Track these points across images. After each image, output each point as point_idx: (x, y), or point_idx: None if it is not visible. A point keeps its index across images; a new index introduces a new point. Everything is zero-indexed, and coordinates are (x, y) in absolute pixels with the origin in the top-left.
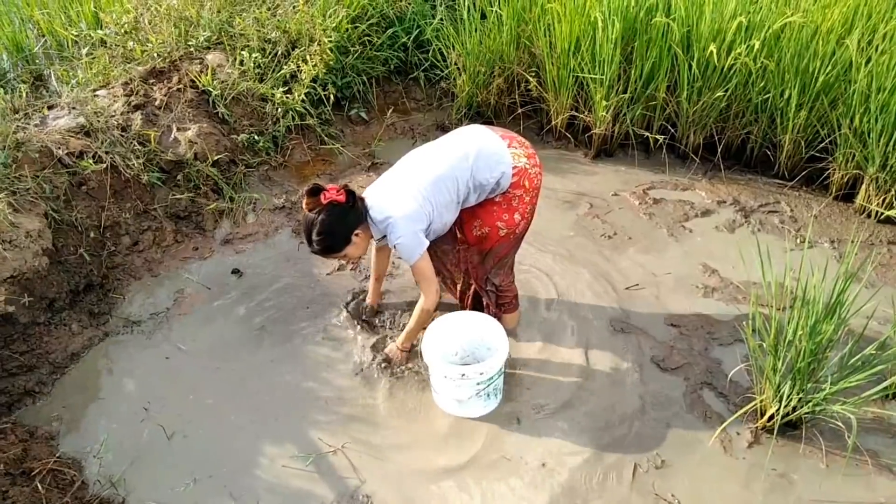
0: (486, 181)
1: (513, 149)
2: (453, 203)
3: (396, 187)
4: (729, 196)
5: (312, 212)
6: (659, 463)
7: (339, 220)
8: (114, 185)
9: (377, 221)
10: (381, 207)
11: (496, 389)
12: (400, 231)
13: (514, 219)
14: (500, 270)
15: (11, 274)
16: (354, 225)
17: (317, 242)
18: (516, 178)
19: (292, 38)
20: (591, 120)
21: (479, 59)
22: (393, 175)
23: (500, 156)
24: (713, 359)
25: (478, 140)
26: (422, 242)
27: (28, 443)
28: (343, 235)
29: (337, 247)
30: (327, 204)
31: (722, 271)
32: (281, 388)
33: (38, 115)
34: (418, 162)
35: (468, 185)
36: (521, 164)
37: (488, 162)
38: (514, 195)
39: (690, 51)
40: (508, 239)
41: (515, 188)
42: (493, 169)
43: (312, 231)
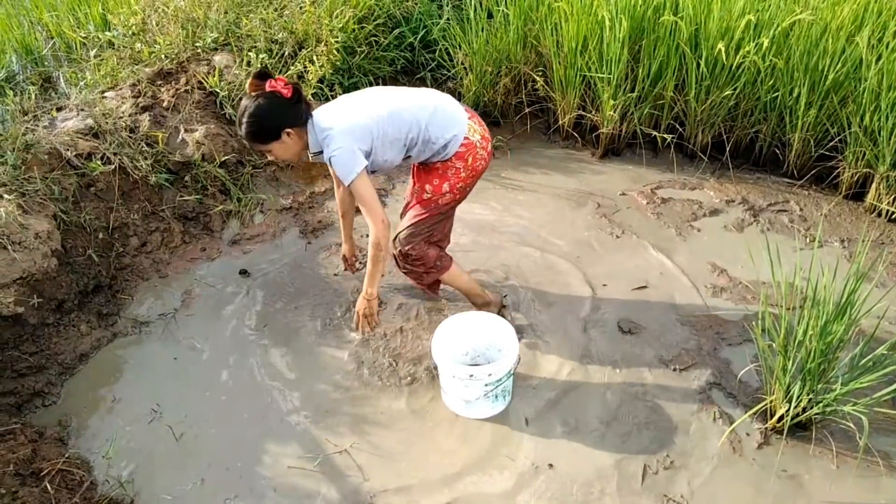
0: (435, 138)
1: (471, 122)
2: (399, 142)
3: (351, 106)
4: (738, 195)
5: (252, 95)
6: (668, 464)
7: (274, 111)
8: (122, 187)
9: (318, 131)
10: (325, 118)
11: (505, 391)
12: (337, 143)
13: (441, 187)
14: (412, 238)
15: (21, 275)
16: (289, 122)
17: (245, 125)
18: (463, 150)
19: (299, 39)
20: (598, 119)
21: (486, 58)
22: (349, 98)
23: (457, 120)
24: (722, 359)
25: (443, 99)
26: (359, 161)
27: (37, 443)
28: (273, 128)
29: (264, 137)
30: (269, 92)
31: (731, 271)
32: (288, 388)
33: (47, 116)
34: (379, 94)
35: (419, 133)
36: (473, 140)
37: (444, 120)
38: (453, 165)
39: (698, 49)
40: (428, 204)
41: (458, 159)
42: (446, 129)
43: (245, 113)
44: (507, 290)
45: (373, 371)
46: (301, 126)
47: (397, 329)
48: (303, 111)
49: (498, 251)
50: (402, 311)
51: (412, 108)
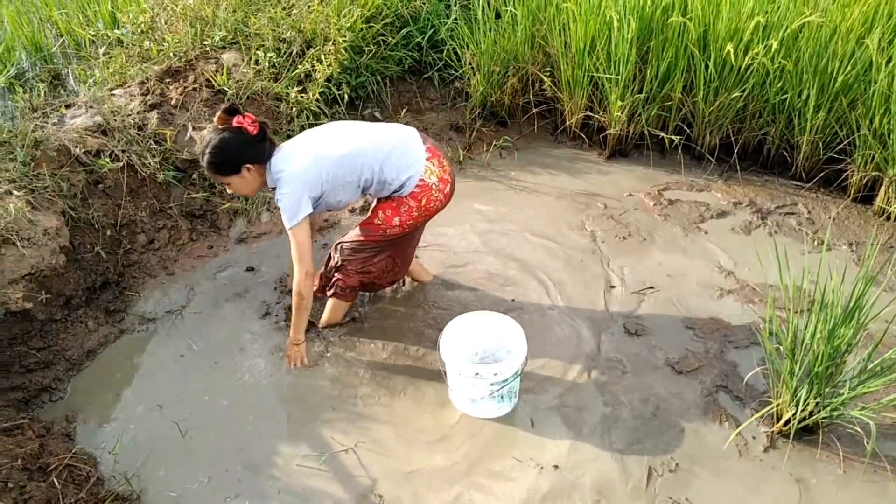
0: (391, 180)
1: (430, 163)
2: (353, 184)
3: (306, 148)
4: (745, 197)
5: (219, 128)
6: (673, 467)
7: (237, 146)
8: (130, 184)
9: (273, 171)
10: (281, 158)
11: (511, 392)
12: (286, 188)
13: (392, 220)
14: (351, 251)
15: (29, 271)
16: (250, 159)
17: (208, 155)
18: (417, 191)
19: (307, 38)
20: (605, 120)
21: (494, 58)
22: (311, 135)
23: (413, 161)
24: (729, 362)
25: (401, 138)
26: (303, 208)
27: (45, 438)
28: (234, 162)
29: (224, 169)
30: (236, 127)
31: (738, 273)
32: (295, 386)
33: (56, 113)
34: (338, 133)
35: (373, 175)
36: (429, 182)
37: (400, 162)
38: (407, 203)
39: (707, 50)
40: (377, 229)
41: (412, 198)
42: (401, 171)
43: (209, 144)
44: (513, 290)
45: (379, 369)
46: (262, 163)
47: (405, 327)
48: (265, 149)
49: (504, 251)
50: (411, 309)
51: (367, 149)
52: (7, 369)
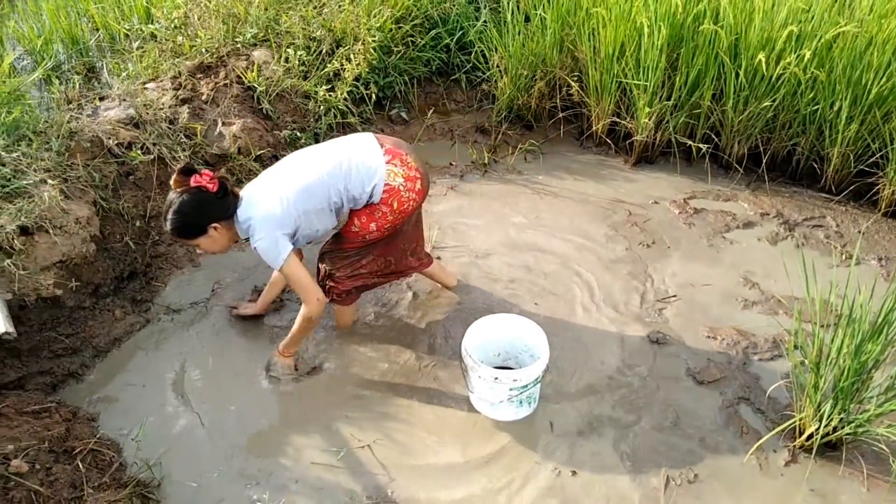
0: (359, 195)
1: (391, 165)
2: (325, 211)
3: (267, 189)
4: (772, 208)
5: (177, 190)
6: (692, 477)
7: (199, 208)
8: (160, 176)
9: (240, 221)
10: (246, 207)
11: (531, 398)
12: (259, 234)
13: (369, 226)
14: (337, 259)
15: (60, 259)
16: (215, 217)
17: (170, 221)
18: (386, 195)
19: (337, 37)
20: (632, 126)
21: (522, 62)
22: (270, 175)
23: (374, 171)
24: (751, 374)
25: (357, 152)
26: (283, 248)
27: (71, 422)
28: (198, 224)
29: (189, 233)
30: (194, 187)
31: (763, 285)
32: (315, 381)
33: (91, 105)
34: (295, 165)
35: (340, 197)
36: (395, 184)
37: (360, 175)
38: (379, 209)
39: (738, 59)
40: (355, 237)
41: (383, 204)
42: (364, 184)
43: (170, 209)
44: (536, 295)
45: (400, 368)
46: (228, 219)
47: (427, 327)
48: (230, 204)
49: (527, 256)
50: (433, 310)
51: (328, 173)
52: (36, 354)
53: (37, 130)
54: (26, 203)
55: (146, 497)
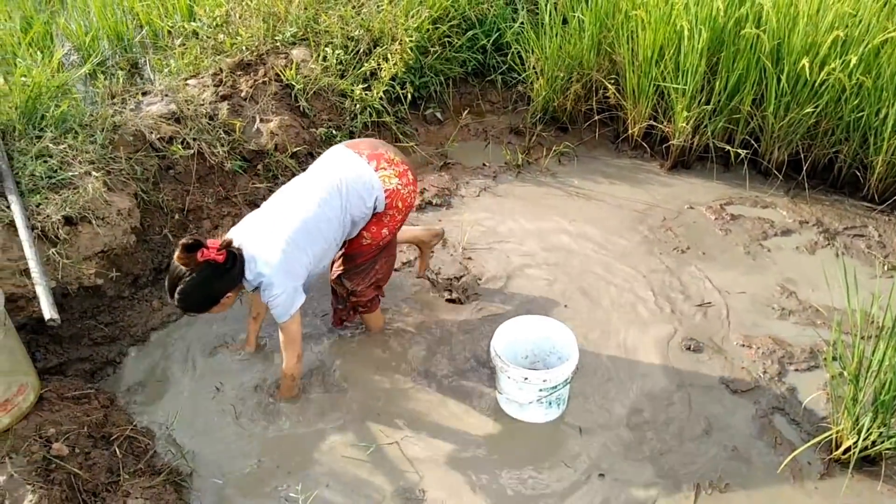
0: (361, 213)
1: (381, 171)
2: (335, 241)
3: (268, 238)
4: (812, 216)
5: (183, 264)
6: (723, 486)
7: (210, 283)
8: (199, 171)
9: (250, 278)
10: (252, 262)
11: (559, 399)
12: (276, 289)
13: (381, 232)
14: (355, 275)
15: (102, 249)
16: (227, 288)
17: (179, 300)
18: (389, 200)
19: (375, 37)
20: (669, 130)
21: (558, 64)
22: (263, 221)
23: (369, 184)
24: (787, 384)
25: (346, 170)
26: (298, 300)
27: (108, 409)
28: (211, 299)
29: (201, 309)
30: (202, 262)
31: (800, 294)
32: (348, 377)
33: (134, 100)
34: (289, 207)
35: (344, 222)
36: (392, 186)
37: (360, 194)
38: (388, 214)
39: (780, 64)
40: (370, 248)
41: (389, 208)
42: (366, 200)
43: (177, 286)
44: (567, 296)
45: (429, 367)
46: (239, 283)
47: (457, 327)
48: (239, 269)
49: (560, 258)
50: (463, 310)
51: (325, 208)
52: (77, 341)
53: (82, 123)
54: (71, 194)
55: (179, 485)
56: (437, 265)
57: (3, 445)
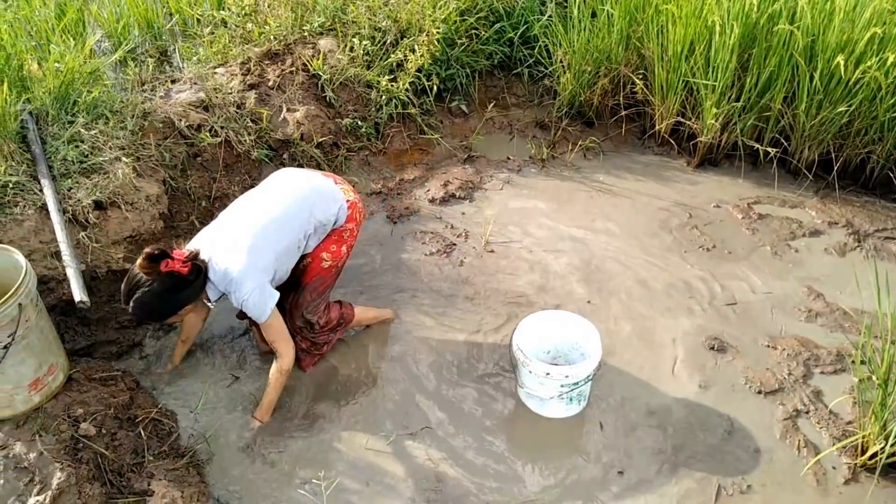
0: (326, 219)
1: (340, 185)
2: (295, 247)
3: (232, 239)
4: (842, 217)
5: (144, 273)
6: (744, 488)
7: (171, 295)
8: (226, 159)
9: (215, 281)
10: (217, 264)
11: (581, 396)
12: (246, 287)
13: (340, 251)
14: (315, 308)
15: (130, 234)
16: (188, 301)
17: (133, 309)
18: (350, 212)
19: (402, 28)
20: (697, 127)
21: (586, 58)
22: (223, 225)
23: (333, 191)
24: (812, 386)
25: (308, 180)
26: (271, 296)
27: (134, 391)
28: (167, 311)
29: (155, 319)
30: (165, 273)
31: (828, 296)
32: (368, 368)
33: (163, 87)
34: (250, 209)
35: (310, 225)
36: (352, 198)
37: (325, 199)
38: (346, 228)
39: (814, 61)
40: (330, 272)
41: (349, 221)
42: (330, 205)
43: (134, 294)
44: (590, 293)
45: (449, 360)
46: (199, 296)
47: (478, 322)
48: (200, 284)
49: (584, 253)
50: (485, 304)
51: (292, 208)
52: (104, 324)
53: (113, 110)
54: (101, 179)
55: (201, 468)
56: (459, 258)
57: (34, 424)
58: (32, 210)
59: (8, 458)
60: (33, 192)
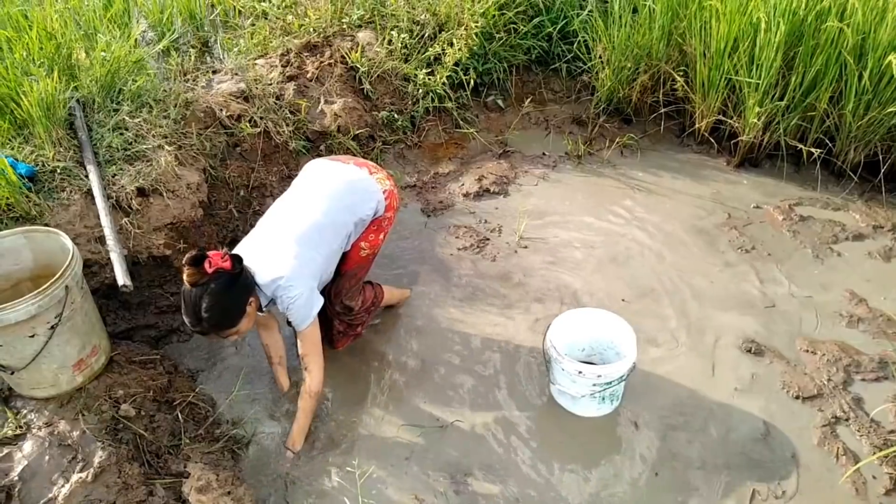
0: (366, 215)
1: (374, 174)
2: (339, 250)
3: (276, 245)
4: (888, 222)
5: (196, 285)
6: (780, 493)
7: (229, 291)
8: (264, 149)
9: (263, 286)
10: (264, 270)
11: (614, 395)
12: (295, 291)
13: (378, 239)
14: (356, 293)
15: (171, 221)
16: (246, 295)
17: (207, 320)
18: (388, 202)
19: (440, 21)
20: (739, 126)
21: (626, 54)
22: (265, 233)
23: (368, 185)
24: (853, 393)
25: (343, 176)
26: (317, 302)
27: (173, 375)
28: (238, 307)
29: (232, 321)
30: (213, 273)
31: (871, 301)
32: (399, 360)
33: (205, 78)
34: (291, 216)
35: (350, 224)
36: (388, 187)
37: (363, 196)
38: (385, 217)
39: (863, 60)
40: (368, 259)
41: (387, 211)
42: (368, 200)
43: (201, 306)
44: (625, 291)
45: (481, 355)
46: (255, 289)
47: (512, 317)
48: (248, 276)
49: (617, 252)
50: (518, 300)
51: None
52: (144, 308)
53: (157, 99)
54: (144, 166)
55: (236, 453)
56: (492, 253)
57: (77, 403)
58: (78, 195)
59: (53, 436)
60: (79, 178)
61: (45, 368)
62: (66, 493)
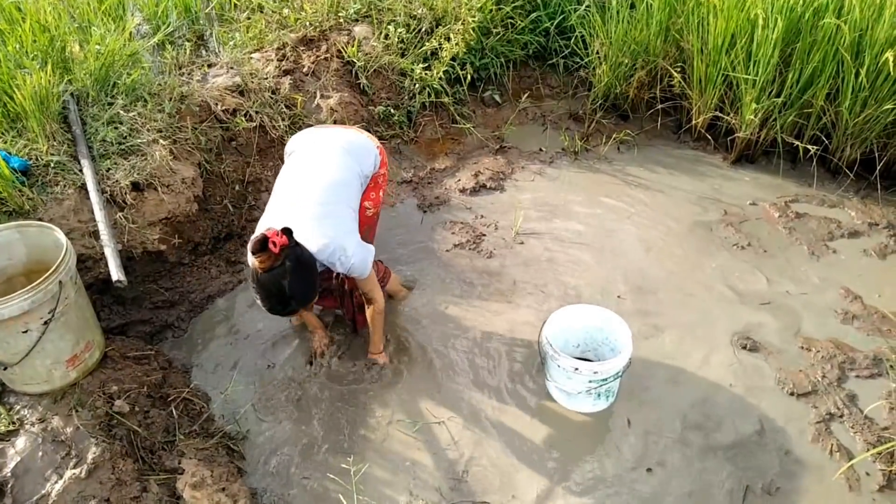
0: (368, 169)
1: (365, 134)
2: (358, 204)
3: (306, 212)
4: (883, 219)
5: (271, 269)
6: (773, 489)
7: (302, 263)
8: (260, 144)
9: (315, 254)
10: (308, 240)
11: (609, 392)
12: (350, 250)
13: (379, 196)
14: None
15: (166, 215)
16: (313, 258)
17: (295, 298)
18: (382, 157)
19: (437, 16)
20: (735, 122)
21: (623, 49)
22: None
23: (365, 140)
24: (847, 390)
25: (341, 136)
26: (369, 251)
27: (167, 371)
28: (314, 274)
29: (315, 289)
30: (280, 252)
31: (866, 298)
32: (398, 359)
33: (200, 71)
34: (309, 182)
35: (361, 179)
36: (378, 143)
37: (364, 151)
38: (381, 174)
39: (860, 57)
40: (374, 219)
41: (381, 166)
42: (367, 155)
43: (284, 287)
44: (620, 288)
45: (477, 351)
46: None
47: (508, 313)
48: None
49: (613, 248)
50: (514, 296)
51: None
52: (139, 304)
53: (151, 92)
54: (139, 160)
55: (231, 449)
56: (488, 249)
57: (71, 399)
58: (72, 189)
59: (46, 431)
60: (73, 172)
61: (39, 364)
62: (59, 490)
